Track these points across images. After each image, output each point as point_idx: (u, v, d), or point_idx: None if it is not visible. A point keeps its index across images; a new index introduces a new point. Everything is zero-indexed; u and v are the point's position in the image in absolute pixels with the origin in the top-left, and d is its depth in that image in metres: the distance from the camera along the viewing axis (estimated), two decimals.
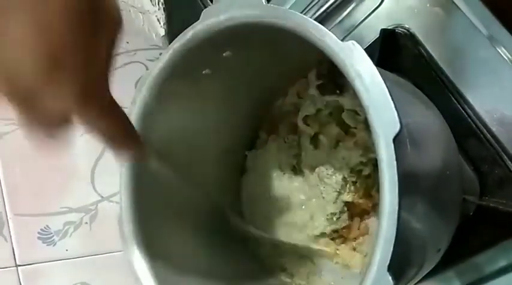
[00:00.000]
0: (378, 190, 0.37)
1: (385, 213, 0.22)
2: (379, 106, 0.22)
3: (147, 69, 0.74)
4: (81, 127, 0.57)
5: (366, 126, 0.23)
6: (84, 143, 0.56)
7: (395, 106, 0.22)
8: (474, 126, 0.37)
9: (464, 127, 0.37)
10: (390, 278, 0.22)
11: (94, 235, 0.49)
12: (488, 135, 0.37)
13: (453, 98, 0.38)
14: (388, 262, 0.22)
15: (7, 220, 0.44)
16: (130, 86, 0.68)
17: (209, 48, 0.35)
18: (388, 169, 0.22)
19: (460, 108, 0.38)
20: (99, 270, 0.47)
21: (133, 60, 0.73)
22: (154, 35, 0.81)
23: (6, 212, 0.44)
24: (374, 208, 0.39)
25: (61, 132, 0.22)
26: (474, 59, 0.39)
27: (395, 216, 0.21)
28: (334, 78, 0.39)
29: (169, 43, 0.69)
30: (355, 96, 0.24)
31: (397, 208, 0.22)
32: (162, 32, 0.82)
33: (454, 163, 0.33)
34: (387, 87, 0.22)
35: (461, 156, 0.37)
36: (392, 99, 0.22)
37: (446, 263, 0.37)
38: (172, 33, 0.80)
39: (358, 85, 0.23)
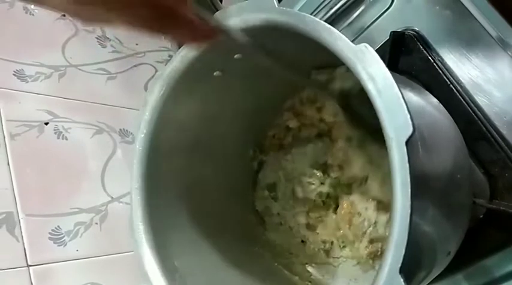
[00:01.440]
0: None
1: (397, 216, 0.22)
2: (391, 109, 0.23)
3: (156, 70, 0.75)
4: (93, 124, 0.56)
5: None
6: (94, 144, 0.57)
7: (408, 110, 0.22)
8: (484, 129, 0.37)
9: (474, 130, 0.37)
10: (402, 280, 0.22)
11: (104, 235, 0.49)
12: (499, 138, 0.37)
13: (463, 101, 0.38)
14: (399, 264, 0.22)
15: (19, 220, 0.44)
16: (139, 87, 0.69)
17: (220, 50, 0.35)
18: (400, 172, 0.22)
19: (470, 111, 0.38)
20: (109, 271, 0.47)
21: (143, 62, 0.74)
22: (163, 37, 0.82)
23: (18, 212, 0.45)
24: None
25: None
26: (484, 61, 0.39)
27: (408, 219, 0.22)
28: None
29: (179, 45, 0.70)
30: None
31: (409, 211, 0.22)
32: None
33: (464, 166, 0.33)
34: (400, 90, 0.23)
35: (472, 159, 0.37)
36: (405, 102, 0.22)
37: (455, 266, 0.36)
38: None
39: (370, 88, 0.23)
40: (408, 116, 0.22)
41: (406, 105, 0.22)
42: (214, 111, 0.40)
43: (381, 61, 0.23)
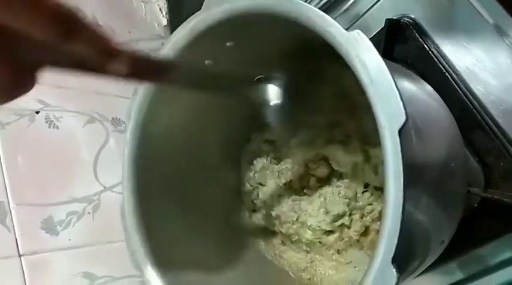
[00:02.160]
0: None
1: (390, 205, 0.22)
2: (384, 97, 0.22)
3: None
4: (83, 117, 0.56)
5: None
6: (86, 133, 0.56)
7: (401, 97, 0.22)
8: (480, 117, 0.37)
9: (469, 118, 0.37)
10: (394, 270, 0.22)
11: (97, 225, 0.49)
12: (494, 127, 0.37)
13: (459, 89, 0.38)
14: (392, 254, 0.22)
15: (10, 209, 0.44)
16: None
17: (212, 38, 0.35)
18: (393, 161, 0.22)
19: (466, 100, 0.38)
20: (101, 260, 0.47)
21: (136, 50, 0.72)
22: (156, 25, 0.80)
23: (9, 202, 0.44)
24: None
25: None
26: (480, 49, 0.38)
27: (400, 208, 0.21)
28: None
29: (172, 33, 0.69)
30: None
31: (402, 200, 0.21)
32: (164, 21, 0.81)
33: (459, 155, 0.33)
34: (393, 77, 0.22)
35: (467, 148, 0.37)
36: (398, 90, 0.22)
37: (449, 254, 0.36)
38: (174, 23, 0.79)
39: (363, 76, 0.23)
40: (401, 104, 0.22)
41: (399, 92, 0.22)
42: (205, 101, 0.39)
43: (374, 49, 0.23)
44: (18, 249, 0.42)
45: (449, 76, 0.38)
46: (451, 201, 0.31)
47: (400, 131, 0.21)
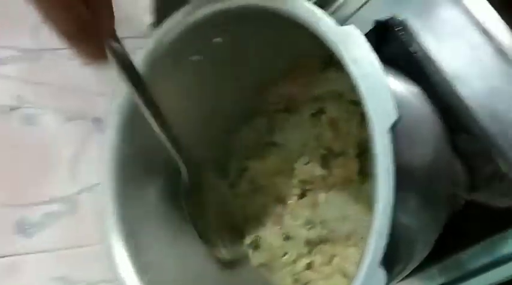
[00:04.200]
0: None
1: (379, 207, 0.21)
2: (375, 95, 0.22)
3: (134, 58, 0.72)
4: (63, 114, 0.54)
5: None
6: (66, 132, 0.54)
7: (393, 96, 0.21)
8: (465, 120, 0.37)
9: (455, 121, 0.37)
10: (383, 273, 0.21)
11: (74, 226, 0.47)
12: (479, 131, 0.37)
13: (445, 92, 0.38)
14: (380, 258, 0.21)
15: None
16: (116, 74, 0.67)
17: (198, 33, 0.34)
18: (383, 160, 0.21)
19: (452, 102, 0.37)
20: (78, 264, 0.45)
21: None
22: (141, 23, 0.79)
23: None
24: None
25: None
26: (468, 52, 0.38)
27: (389, 210, 0.21)
28: None
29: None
30: None
31: (391, 201, 0.21)
32: (150, 19, 0.80)
33: (445, 158, 0.33)
34: (385, 75, 0.22)
35: (452, 151, 0.36)
36: (390, 88, 0.21)
37: (431, 259, 0.36)
38: (160, 21, 0.78)
39: (354, 72, 0.22)
40: (393, 102, 0.21)
41: (391, 91, 0.21)
42: (193, 97, 0.38)
43: (367, 44, 0.22)
44: None
45: (435, 78, 0.38)
46: (437, 204, 0.31)
47: (391, 129, 0.21)
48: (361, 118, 0.39)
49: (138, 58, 0.36)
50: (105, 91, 0.62)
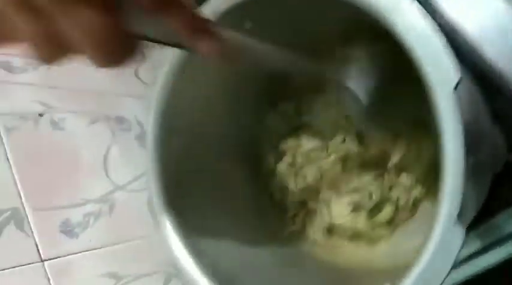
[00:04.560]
0: None
1: (450, 162, 0.22)
2: (434, 58, 0.22)
3: (143, 55, 0.72)
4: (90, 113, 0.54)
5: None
6: (91, 133, 0.55)
7: (452, 56, 0.22)
8: (497, 81, 0.37)
9: (487, 84, 0.37)
10: (461, 227, 0.21)
11: (115, 224, 0.48)
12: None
13: (471, 55, 0.38)
14: (457, 212, 0.21)
15: (26, 215, 0.42)
16: (130, 72, 0.67)
17: (229, 20, 0.34)
18: (450, 121, 0.21)
19: (481, 65, 0.38)
20: (125, 259, 0.46)
21: None
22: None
23: (24, 207, 0.43)
24: None
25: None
26: (491, 18, 0.38)
27: (462, 164, 0.21)
28: None
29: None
30: None
31: (463, 161, 0.21)
32: None
33: (488, 120, 0.33)
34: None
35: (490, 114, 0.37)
36: (448, 49, 0.22)
37: (471, 223, 0.37)
38: None
39: (408, 38, 0.23)
40: (454, 62, 0.22)
41: (450, 52, 0.22)
42: (227, 83, 0.39)
43: (419, 7, 0.22)
44: (40, 255, 0.41)
45: (459, 41, 0.38)
46: (485, 167, 0.32)
47: (454, 90, 0.21)
48: None
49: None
50: (124, 90, 0.63)
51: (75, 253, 0.43)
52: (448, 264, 0.22)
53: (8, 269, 0.38)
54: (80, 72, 0.60)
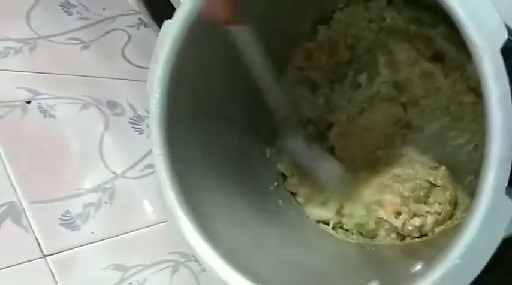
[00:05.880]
0: None
1: (496, 128, 0.20)
2: (479, 17, 0.20)
3: (129, 35, 0.69)
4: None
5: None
6: (84, 120, 0.52)
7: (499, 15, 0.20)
8: None
9: None
10: (511, 199, 0.20)
11: (116, 213, 0.46)
12: None
13: None
14: (506, 183, 0.20)
15: (23, 209, 0.40)
16: (116, 55, 0.64)
17: None
18: (497, 83, 0.20)
19: None
20: (129, 249, 0.44)
21: (114, 28, 0.67)
22: (129, 0, 0.76)
23: (20, 201, 0.40)
24: None
25: None
26: None
27: (510, 130, 0.20)
28: None
29: (146, 6, 0.64)
30: None
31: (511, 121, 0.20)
32: None
33: None
34: None
35: None
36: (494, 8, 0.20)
37: None
38: None
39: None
40: (500, 20, 0.20)
41: (496, 10, 0.20)
42: (229, 58, 0.36)
43: None
44: (41, 250, 0.39)
45: None
46: None
47: (502, 50, 0.20)
48: None
49: (173, 25, 0.33)
50: (112, 73, 0.60)
51: (78, 246, 0.41)
52: (494, 244, 0.21)
53: (9, 267, 0.36)
54: (63, 55, 0.56)
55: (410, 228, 0.38)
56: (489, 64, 0.20)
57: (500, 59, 0.20)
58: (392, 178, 0.39)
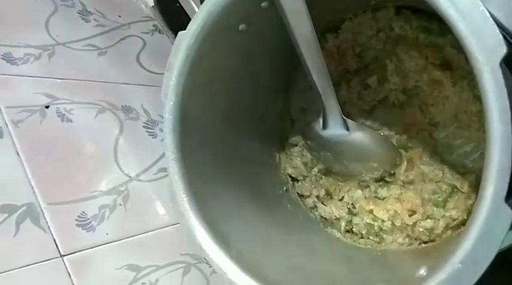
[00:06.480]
0: None
1: (496, 141, 0.21)
2: (478, 31, 0.21)
3: (144, 42, 0.71)
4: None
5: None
6: (100, 124, 0.54)
7: (498, 29, 0.21)
8: None
9: None
10: (510, 208, 0.21)
11: (131, 215, 0.47)
12: None
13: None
14: (505, 192, 0.21)
15: (42, 210, 0.41)
16: (132, 61, 0.65)
17: (246, 1, 0.33)
18: (497, 97, 0.21)
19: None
20: (143, 250, 0.45)
21: (129, 34, 0.69)
22: (144, 7, 0.77)
23: (39, 202, 0.42)
24: None
25: None
26: None
27: (510, 142, 0.21)
28: None
29: (160, 13, 0.66)
30: None
31: (511, 130, 0.21)
32: (151, 2, 0.78)
33: None
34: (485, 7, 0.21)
35: None
36: (493, 22, 0.21)
37: None
38: (162, 3, 0.76)
39: (450, 12, 0.22)
40: (500, 35, 0.21)
41: (495, 25, 0.21)
42: (243, 67, 0.38)
43: None
44: (58, 250, 0.40)
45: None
46: None
47: (501, 63, 0.21)
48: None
49: (188, 34, 0.34)
50: (128, 79, 0.61)
51: (94, 247, 0.42)
52: (493, 251, 0.21)
53: (28, 265, 0.38)
54: (81, 61, 0.58)
55: (420, 229, 0.38)
56: (489, 78, 0.21)
57: (499, 73, 0.21)
58: (419, 175, 0.39)
